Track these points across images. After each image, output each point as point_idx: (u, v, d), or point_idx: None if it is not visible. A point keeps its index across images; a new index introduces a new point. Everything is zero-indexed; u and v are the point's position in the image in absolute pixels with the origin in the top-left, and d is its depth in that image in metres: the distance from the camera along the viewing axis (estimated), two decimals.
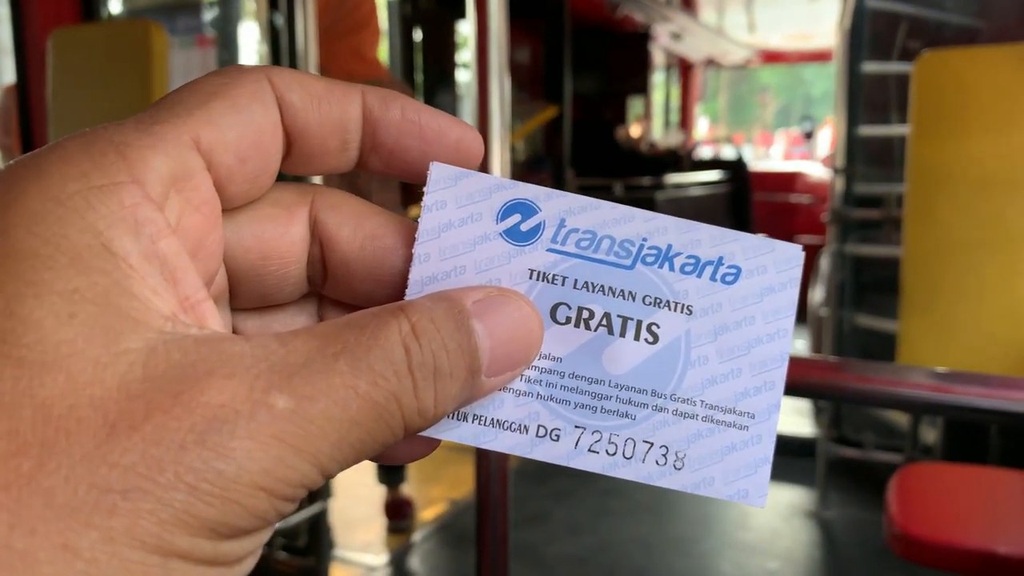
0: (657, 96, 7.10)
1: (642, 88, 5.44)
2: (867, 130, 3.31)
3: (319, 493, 2.02)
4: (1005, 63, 2.21)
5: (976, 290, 2.26)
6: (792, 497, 2.87)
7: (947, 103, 2.28)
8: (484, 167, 0.83)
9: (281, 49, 1.97)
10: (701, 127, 8.71)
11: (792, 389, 0.72)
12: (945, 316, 2.30)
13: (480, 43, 0.81)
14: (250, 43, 2.87)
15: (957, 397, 0.65)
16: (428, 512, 2.82)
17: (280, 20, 1.95)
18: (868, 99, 3.38)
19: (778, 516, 2.76)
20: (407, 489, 2.72)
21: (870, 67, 3.37)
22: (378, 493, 2.71)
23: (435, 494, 2.95)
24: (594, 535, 2.63)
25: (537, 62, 4.42)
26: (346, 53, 2.14)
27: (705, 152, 7.27)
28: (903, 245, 2.35)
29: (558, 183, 3.76)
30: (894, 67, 3.24)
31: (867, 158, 3.39)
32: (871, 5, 3.44)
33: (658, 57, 6.62)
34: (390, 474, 2.67)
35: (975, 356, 2.27)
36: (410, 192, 2.28)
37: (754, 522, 2.74)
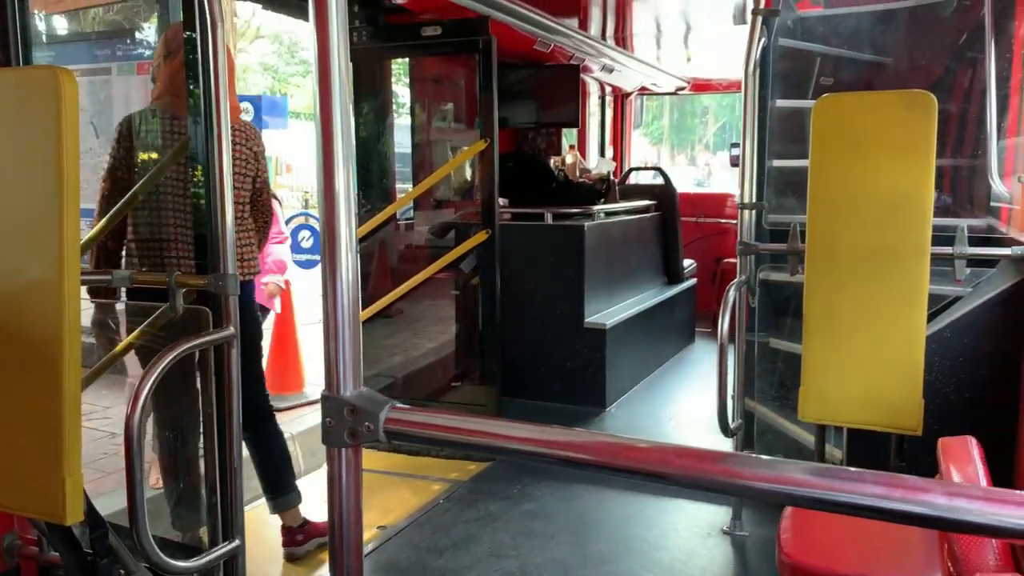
0: (593, 124, 7.28)
1: (575, 118, 5.59)
2: (777, 163, 3.49)
3: (231, 531, 2.05)
4: (895, 106, 2.36)
5: (872, 318, 2.39)
6: (709, 516, 2.98)
7: (843, 142, 2.40)
8: (330, 193, 0.89)
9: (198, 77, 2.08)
10: (640, 151, 8.92)
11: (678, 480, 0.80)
12: (844, 342, 2.43)
13: (322, 71, 0.87)
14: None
15: (832, 494, 0.73)
16: None
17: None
18: (786, 132, 3.57)
19: (694, 536, 2.87)
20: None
21: (780, 104, 3.55)
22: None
23: (365, 521, 2.97)
24: (516, 558, 2.69)
25: (473, 95, 4.52)
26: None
27: (638, 177, 7.47)
28: (805, 275, 2.50)
29: (488, 212, 3.85)
30: (801, 104, 3.43)
31: (781, 189, 3.56)
32: (784, 43, 3.64)
33: (592, 87, 6.80)
34: (276, 500, 2.72)
35: (872, 380, 2.40)
36: None
37: (671, 542, 2.84)
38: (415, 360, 4.44)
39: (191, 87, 2.15)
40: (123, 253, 2.56)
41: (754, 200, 2.99)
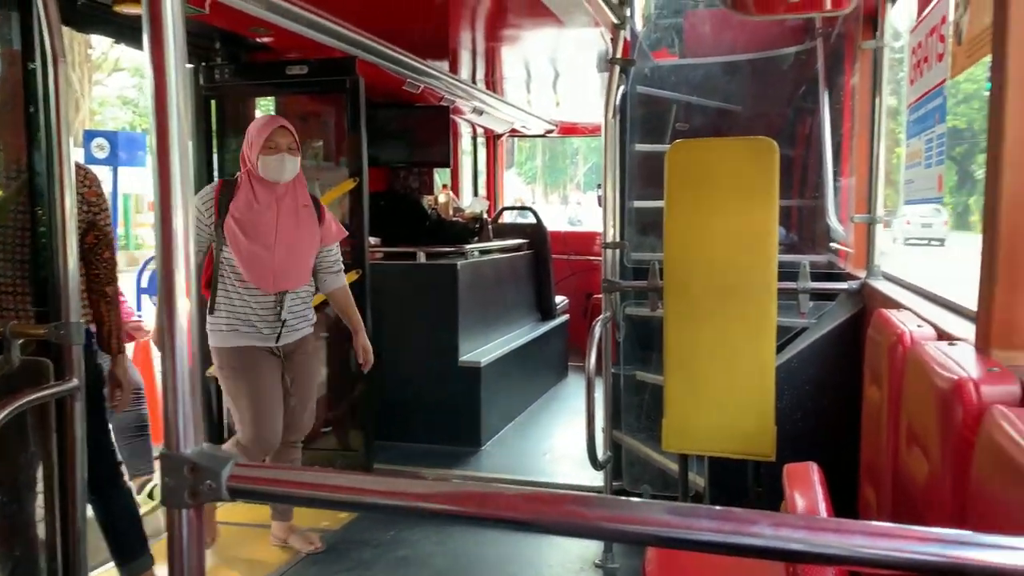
0: (466, 163, 7.37)
1: (447, 158, 5.64)
2: (638, 204, 3.64)
3: None
4: (741, 151, 2.51)
5: (726, 351, 2.51)
6: (582, 551, 3.02)
7: (695, 185, 2.53)
8: (167, 230, 0.85)
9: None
10: (514, 190, 9.11)
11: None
12: (702, 375, 2.54)
13: (159, 107, 0.84)
14: None
15: (671, 531, 0.74)
16: None
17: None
18: (647, 174, 3.73)
19: (568, 571, 2.89)
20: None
21: (639, 147, 3.72)
22: None
23: None
24: None
25: (342, 134, 4.49)
26: None
27: (512, 216, 7.60)
28: (664, 310, 2.60)
29: (358, 251, 3.80)
30: (658, 148, 3.60)
31: (643, 229, 3.72)
32: (642, 91, 3.83)
33: (464, 127, 6.90)
34: (126, 567, 2.55)
35: (728, 410, 2.52)
36: None
37: None
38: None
39: (31, 124, 2.04)
40: None
41: (617, 239, 3.10)
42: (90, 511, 2.42)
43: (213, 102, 3.98)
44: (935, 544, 0.66)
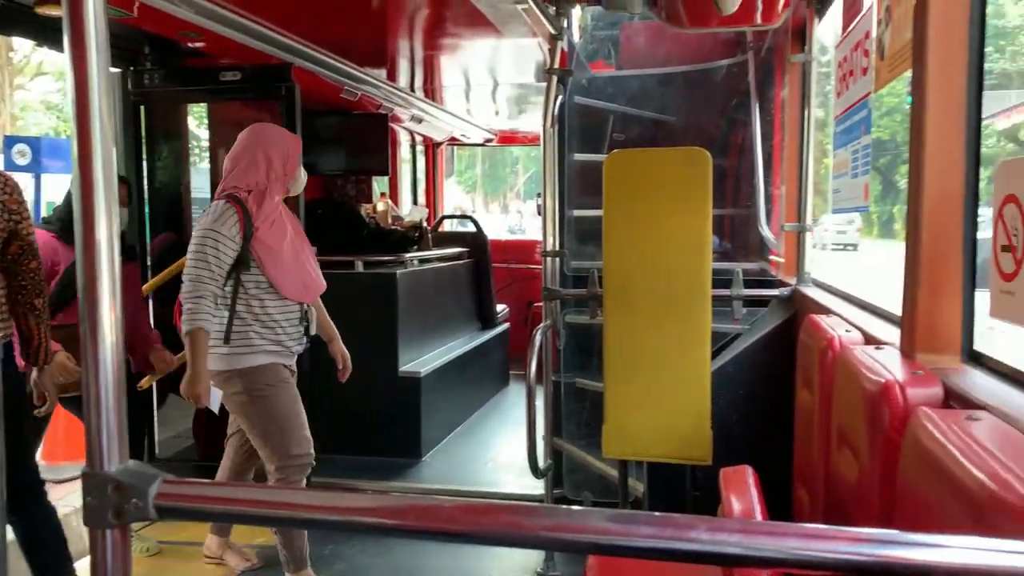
0: (405, 172, 7.32)
1: (385, 166, 5.59)
2: (577, 213, 3.67)
3: None
4: (676, 161, 2.55)
5: (664, 357, 2.54)
6: (523, 560, 3.01)
7: (632, 194, 2.56)
8: (89, 239, 0.82)
9: None
10: (454, 198, 9.10)
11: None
12: (640, 381, 2.57)
13: (80, 112, 0.81)
14: None
15: (631, 539, 0.74)
16: None
17: None
18: (586, 184, 3.77)
19: None
20: None
21: (578, 157, 3.76)
22: None
23: None
24: None
25: None
26: None
27: (452, 225, 7.58)
28: (604, 318, 2.62)
29: None
30: (596, 157, 3.64)
31: (582, 237, 3.75)
32: (579, 101, 3.87)
33: (403, 135, 6.85)
34: None
35: (666, 415, 2.55)
36: None
37: None
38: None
39: None
40: None
41: (557, 248, 3.12)
42: (10, 531, 2.32)
43: (143, 108, 3.87)
44: (865, 544, 0.68)
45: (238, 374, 2.66)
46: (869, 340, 1.79)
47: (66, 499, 3.37)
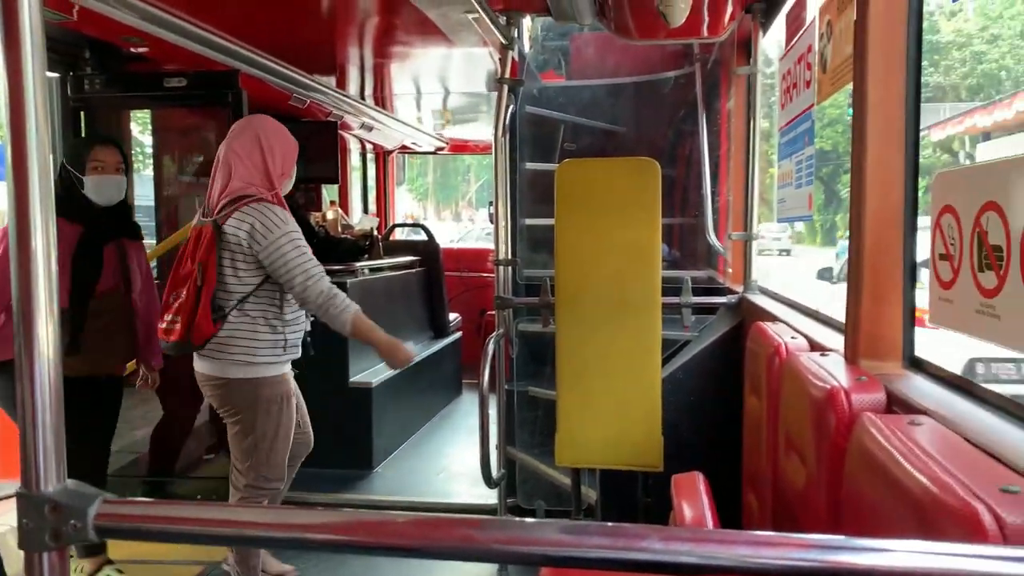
0: (355, 180, 7.25)
1: (335, 174, 5.53)
2: (529, 222, 3.69)
3: None
4: (625, 171, 2.57)
5: (615, 364, 2.56)
6: (477, 570, 3.00)
7: (583, 203, 2.58)
8: (24, 248, 0.79)
9: None
10: (406, 207, 9.05)
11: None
12: (592, 389, 2.58)
13: (15, 118, 0.78)
14: None
15: (584, 551, 0.74)
16: None
17: None
18: (538, 193, 3.78)
19: None
20: None
21: (530, 166, 3.77)
22: None
23: None
24: None
25: None
26: None
27: (404, 233, 7.53)
28: (556, 326, 2.63)
29: None
30: (547, 167, 3.66)
31: (535, 246, 3.76)
32: (531, 111, 3.88)
33: (353, 143, 6.80)
34: None
35: (618, 423, 2.56)
36: None
37: None
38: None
39: None
40: None
41: (509, 256, 3.13)
42: None
43: (83, 114, 3.76)
44: (813, 550, 0.69)
45: (266, 382, 2.60)
46: (815, 347, 1.83)
47: (3, 517, 3.25)
